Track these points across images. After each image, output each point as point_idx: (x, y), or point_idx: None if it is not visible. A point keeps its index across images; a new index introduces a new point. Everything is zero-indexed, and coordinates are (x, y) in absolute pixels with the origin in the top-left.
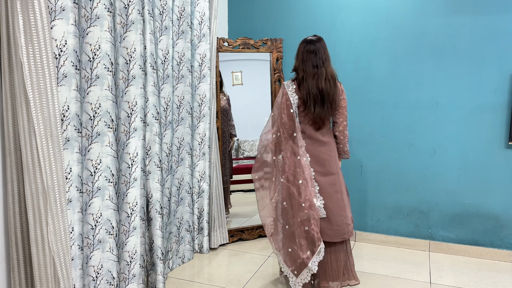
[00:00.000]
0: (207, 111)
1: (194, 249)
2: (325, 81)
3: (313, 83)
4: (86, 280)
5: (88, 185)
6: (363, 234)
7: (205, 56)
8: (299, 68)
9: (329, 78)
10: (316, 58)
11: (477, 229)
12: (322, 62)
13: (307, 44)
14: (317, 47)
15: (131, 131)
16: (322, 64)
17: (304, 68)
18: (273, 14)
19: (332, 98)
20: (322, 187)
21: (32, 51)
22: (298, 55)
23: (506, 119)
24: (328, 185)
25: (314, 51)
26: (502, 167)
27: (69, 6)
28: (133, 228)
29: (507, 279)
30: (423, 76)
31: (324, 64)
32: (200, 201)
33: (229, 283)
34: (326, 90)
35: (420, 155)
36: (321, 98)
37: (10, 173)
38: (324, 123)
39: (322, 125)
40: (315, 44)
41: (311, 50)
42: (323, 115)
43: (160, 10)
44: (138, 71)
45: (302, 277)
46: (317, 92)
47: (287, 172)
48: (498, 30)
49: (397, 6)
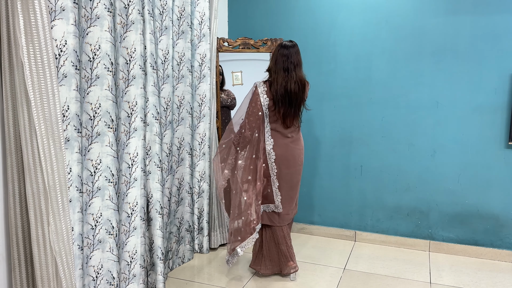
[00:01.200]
0: (207, 111)
1: (194, 249)
2: (294, 84)
3: (282, 85)
4: (86, 280)
5: (88, 185)
6: (363, 234)
7: (205, 56)
8: (272, 70)
9: (298, 82)
10: (287, 61)
11: (477, 229)
12: (293, 66)
13: (281, 48)
14: (290, 52)
15: (131, 131)
16: (293, 68)
17: (276, 70)
18: (273, 14)
19: (299, 100)
20: (284, 180)
21: (32, 51)
22: (273, 57)
23: (506, 119)
24: (290, 177)
25: (287, 55)
26: (502, 167)
27: (69, 6)
28: (134, 228)
29: (507, 279)
30: (423, 76)
31: (295, 68)
32: (200, 201)
33: (229, 283)
34: (294, 92)
35: (420, 155)
36: (288, 99)
37: (11, 173)
38: (292, 122)
39: (290, 124)
40: (289, 49)
41: (284, 54)
42: (290, 115)
43: (160, 10)
44: (138, 71)
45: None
46: (284, 94)
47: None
48: (498, 30)
49: (397, 6)
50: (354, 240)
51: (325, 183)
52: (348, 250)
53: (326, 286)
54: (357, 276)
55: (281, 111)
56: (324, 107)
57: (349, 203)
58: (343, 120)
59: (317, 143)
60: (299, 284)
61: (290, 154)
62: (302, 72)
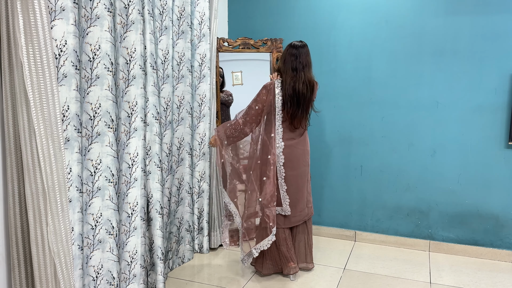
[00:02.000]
0: (207, 111)
1: (194, 249)
2: (302, 84)
3: (290, 85)
4: (86, 280)
5: (88, 185)
6: (363, 234)
7: (205, 56)
8: (281, 70)
9: (306, 82)
10: (296, 61)
11: (477, 229)
12: (302, 66)
13: (291, 48)
14: (300, 52)
15: (132, 131)
16: (301, 68)
17: (285, 70)
18: (273, 14)
19: (308, 101)
20: (292, 182)
21: (32, 51)
22: (282, 57)
23: (506, 119)
24: (296, 179)
25: (296, 55)
26: (502, 167)
27: (69, 6)
28: (134, 228)
29: (507, 279)
30: (423, 76)
31: (303, 69)
32: (200, 201)
33: (229, 283)
34: (302, 92)
35: (420, 155)
36: (296, 100)
37: (11, 173)
38: (300, 123)
39: (298, 125)
40: (298, 49)
41: (293, 53)
42: (298, 116)
43: (160, 10)
44: (138, 71)
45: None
46: (292, 94)
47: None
48: (498, 30)
49: (397, 6)
50: (354, 240)
51: (325, 183)
52: (348, 250)
53: (326, 286)
54: (357, 276)
55: (290, 111)
56: (324, 107)
57: (349, 203)
58: (343, 120)
59: (317, 143)
60: (299, 284)
61: (294, 155)
62: (311, 73)
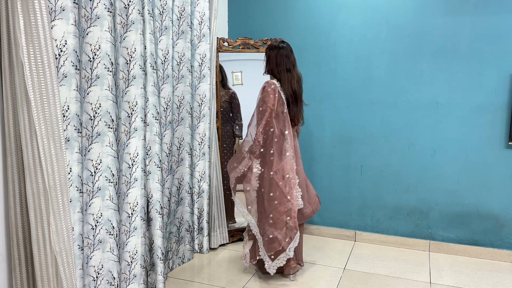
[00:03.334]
0: (207, 111)
1: (194, 249)
2: (297, 83)
3: (288, 85)
4: (86, 280)
5: (88, 185)
6: (363, 234)
7: (205, 56)
8: (275, 71)
9: (299, 80)
10: (289, 62)
11: (477, 229)
12: (293, 65)
13: (280, 49)
14: (288, 52)
15: (132, 131)
16: (293, 68)
17: (280, 71)
18: (273, 14)
19: (301, 97)
20: (299, 175)
21: (32, 51)
22: (271, 59)
23: (506, 119)
24: (301, 171)
25: (287, 56)
26: (502, 167)
27: (69, 6)
28: (134, 228)
29: (507, 279)
30: (423, 76)
31: (294, 68)
32: (200, 201)
33: (229, 283)
34: (298, 91)
35: (420, 155)
36: (295, 98)
37: (11, 173)
38: (298, 120)
39: (297, 122)
40: (286, 49)
41: (284, 54)
42: (297, 113)
43: (160, 10)
44: (139, 71)
45: (278, 261)
46: (292, 93)
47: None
48: (498, 30)
49: (397, 6)
50: (354, 240)
51: (325, 183)
52: (348, 250)
53: (326, 286)
54: (357, 276)
55: (292, 109)
56: (324, 107)
57: (349, 203)
58: (343, 120)
59: (317, 143)
60: (299, 284)
61: (296, 150)
62: (299, 71)
